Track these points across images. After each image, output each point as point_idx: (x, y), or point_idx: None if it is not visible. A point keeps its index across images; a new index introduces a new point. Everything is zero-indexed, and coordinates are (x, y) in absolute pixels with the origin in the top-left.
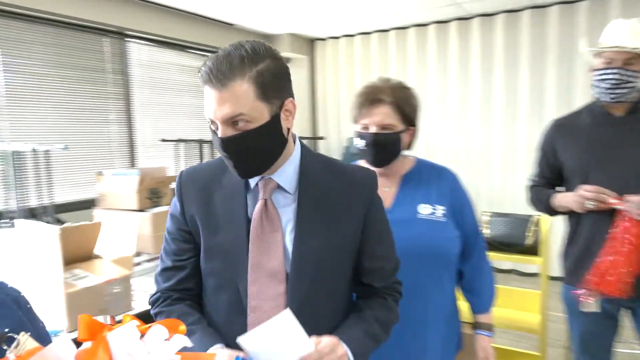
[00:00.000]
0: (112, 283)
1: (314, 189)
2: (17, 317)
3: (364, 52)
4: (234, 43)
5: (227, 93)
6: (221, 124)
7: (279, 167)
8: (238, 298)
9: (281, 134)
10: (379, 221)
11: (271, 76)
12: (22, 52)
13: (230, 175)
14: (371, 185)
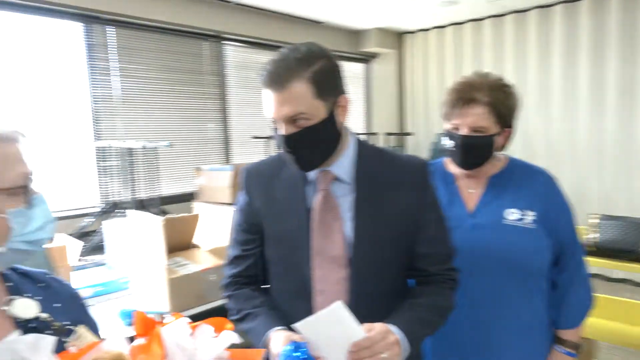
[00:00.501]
0: (208, 271)
1: (370, 178)
2: (75, 312)
3: (456, 43)
4: (290, 46)
5: (287, 94)
6: (283, 122)
7: (335, 160)
8: (302, 283)
9: (337, 129)
10: (432, 208)
11: (326, 75)
12: (133, 58)
13: (289, 169)
14: (422, 173)
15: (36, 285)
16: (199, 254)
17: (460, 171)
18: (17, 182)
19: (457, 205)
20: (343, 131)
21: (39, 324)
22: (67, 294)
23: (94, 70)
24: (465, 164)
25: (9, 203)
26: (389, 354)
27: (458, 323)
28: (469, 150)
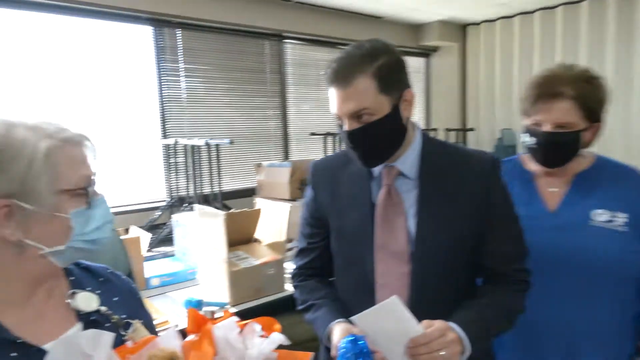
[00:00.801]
0: (268, 265)
1: (435, 174)
2: (132, 306)
3: (524, 34)
4: (354, 44)
5: (351, 90)
6: (347, 118)
7: (400, 155)
8: (365, 276)
9: (401, 124)
10: (501, 205)
11: (389, 70)
12: (198, 59)
13: (354, 164)
14: (490, 169)
15: (97, 279)
16: (259, 248)
17: (540, 169)
18: (80, 183)
19: (536, 204)
20: (409, 126)
21: (99, 316)
22: (125, 288)
23: (162, 72)
24: (549, 162)
25: (71, 204)
26: (448, 352)
27: (537, 326)
28: (553, 148)
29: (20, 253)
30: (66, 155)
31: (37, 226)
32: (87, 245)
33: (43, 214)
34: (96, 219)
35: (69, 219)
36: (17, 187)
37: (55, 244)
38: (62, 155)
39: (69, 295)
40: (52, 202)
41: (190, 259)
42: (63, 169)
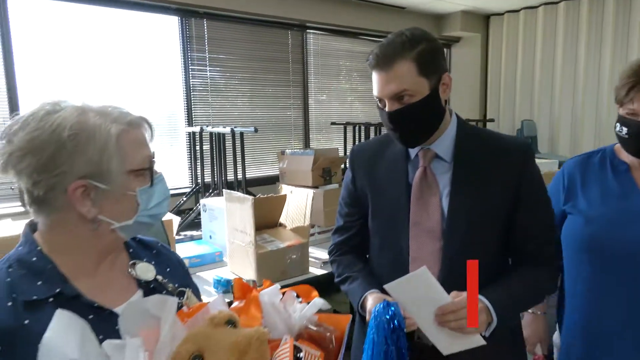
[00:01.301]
0: (292, 249)
1: (469, 157)
2: (181, 276)
3: (548, 25)
4: (395, 32)
5: (392, 73)
6: (388, 100)
7: (437, 138)
8: (399, 252)
9: (440, 105)
10: (532, 189)
11: (428, 55)
12: (223, 49)
13: (392, 148)
14: (523, 154)
15: (150, 251)
16: (284, 232)
17: (637, 161)
18: (144, 164)
19: (634, 198)
20: (446, 109)
21: (157, 285)
22: (174, 260)
23: (188, 61)
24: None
25: (137, 182)
26: None
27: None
28: None
29: (94, 229)
30: (131, 138)
31: (109, 204)
32: (149, 219)
33: (114, 193)
34: (157, 196)
35: (136, 196)
36: (92, 168)
37: (124, 219)
38: (127, 138)
39: (129, 265)
40: (121, 182)
41: (216, 242)
42: (129, 150)
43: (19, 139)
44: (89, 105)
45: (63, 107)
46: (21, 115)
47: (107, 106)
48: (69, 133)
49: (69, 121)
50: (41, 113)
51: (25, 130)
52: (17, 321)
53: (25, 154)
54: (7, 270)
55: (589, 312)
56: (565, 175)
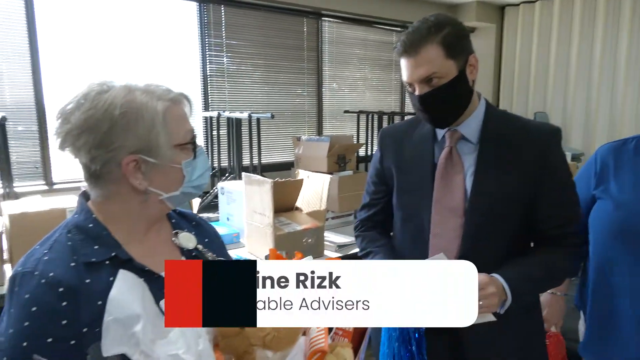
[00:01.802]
0: (308, 232)
1: (495, 139)
2: (218, 247)
3: (564, 16)
4: (420, 19)
5: (420, 58)
6: (417, 84)
7: (464, 120)
8: (421, 227)
9: (468, 86)
10: (557, 172)
11: (454, 38)
12: (239, 36)
13: (420, 129)
14: (549, 138)
15: (190, 223)
16: (301, 216)
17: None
18: (187, 138)
19: None
20: (474, 90)
21: (198, 253)
22: (211, 232)
23: (205, 47)
24: None
25: (182, 156)
26: (485, 302)
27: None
28: None
29: (145, 199)
30: (174, 114)
31: (158, 176)
32: (194, 190)
33: (163, 166)
34: (199, 167)
35: (182, 169)
36: (142, 144)
37: (171, 190)
38: (172, 114)
39: (173, 234)
40: (169, 156)
41: (234, 224)
42: (174, 126)
43: (75, 118)
44: (134, 84)
45: (111, 87)
46: (74, 96)
47: (150, 84)
48: (120, 111)
49: (119, 100)
50: (92, 93)
51: (80, 110)
52: (80, 280)
53: (82, 132)
54: (67, 235)
55: (617, 297)
56: (597, 160)
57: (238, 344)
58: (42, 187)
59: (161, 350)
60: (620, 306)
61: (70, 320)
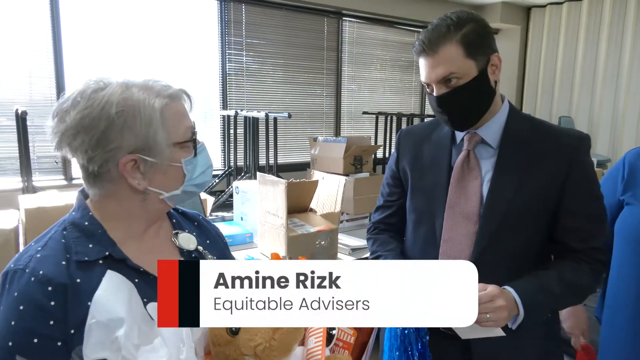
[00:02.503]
0: (322, 234)
1: (516, 145)
2: (221, 249)
3: (593, 18)
4: (440, 16)
5: (439, 57)
6: (435, 84)
7: (484, 123)
8: (433, 232)
9: (489, 86)
10: (582, 183)
11: (475, 36)
12: (259, 34)
13: (439, 131)
14: (577, 146)
15: (192, 223)
16: (315, 218)
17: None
18: (186, 135)
19: None
20: (496, 91)
21: (198, 255)
22: (214, 233)
23: (225, 45)
24: None
25: (182, 154)
26: (493, 316)
27: None
28: None
29: (144, 199)
30: (173, 111)
31: (158, 175)
32: (195, 188)
33: (162, 165)
34: (200, 165)
35: (182, 167)
36: (141, 143)
37: (172, 189)
38: (170, 111)
39: (173, 234)
40: (168, 154)
41: (248, 224)
42: (173, 123)
43: (71, 118)
44: (132, 81)
45: (107, 84)
46: (70, 93)
47: (148, 80)
48: (116, 110)
49: (115, 98)
50: (88, 91)
51: (76, 109)
52: (70, 279)
53: (78, 132)
54: (62, 232)
55: (638, 309)
56: (626, 165)
57: (229, 352)
58: (62, 182)
59: (143, 357)
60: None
61: (58, 320)
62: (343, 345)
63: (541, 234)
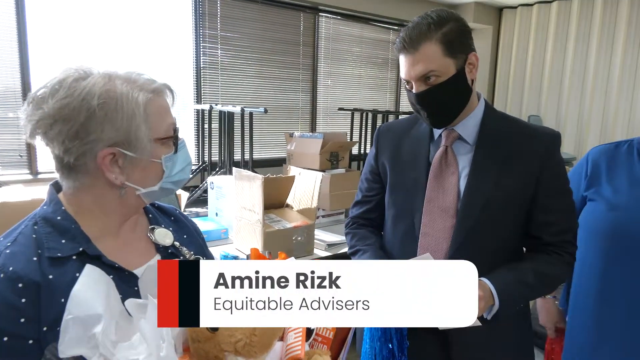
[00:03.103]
0: (299, 229)
1: (492, 141)
2: (198, 244)
3: (561, 21)
4: (421, 15)
5: (419, 55)
6: (415, 81)
7: (462, 120)
8: (412, 226)
9: (466, 85)
10: (555, 178)
11: (455, 35)
12: (235, 28)
13: (418, 128)
14: (551, 143)
15: (169, 218)
16: (291, 213)
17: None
18: (169, 132)
19: None
20: (473, 89)
21: (174, 250)
22: (191, 228)
23: (199, 38)
24: None
25: (163, 150)
26: None
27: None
28: None
29: (121, 194)
30: (157, 106)
31: (136, 171)
32: (172, 185)
33: (142, 160)
34: (180, 162)
35: (162, 164)
36: (121, 137)
37: (149, 185)
38: (154, 106)
39: (149, 230)
40: (149, 150)
41: (222, 220)
42: (155, 119)
43: (48, 106)
44: (115, 72)
45: (89, 74)
46: (48, 81)
47: (132, 72)
48: (98, 102)
49: (98, 89)
50: (69, 80)
51: (54, 97)
52: (42, 276)
53: (56, 121)
54: (32, 227)
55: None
56: (589, 162)
57: (209, 349)
58: (27, 176)
59: (122, 354)
60: (612, 307)
61: (29, 318)
62: (322, 340)
63: (515, 228)
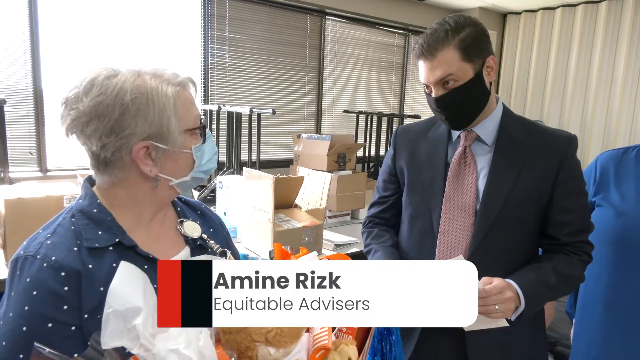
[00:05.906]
0: (308, 229)
1: (510, 142)
2: (223, 237)
3: (565, 27)
4: (439, 20)
5: (437, 61)
6: (434, 86)
7: (480, 121)
8: (430, 225)
9: (485, 87)
10: (571, 180)
11: (472, 40)
12: (243, 30)
13: (435, 130)
14: (568, 145)
15: (195, 212)
16: (300, 213)
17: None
18: (196, 123)
19: None
20: (491, 91)
21: (202, 243)
22: (217, 221)
23: (208, 39)
24: None
25: (192, 141)
26: (502, 307)
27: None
28: None
29: (155, 186)
30: (184, 99)
31: (169, 162)
32: (202, 174)
33: (174, 152)
34: (208, 152)
35: (192, 154)
36: (154, 130)
37: (182, 175)
38: (181, 98)
39: (178, 222)
40: (179, 141)
41: (231, 219)
42: (184, 111)
43: (83, 105)
44: (142, 68)
45: (118, 72)
46: (78, 81)
47: (158, 68)
48: (130, 97)
49: (129, 85)
50: (100, 78)
51: (89, 95)
52: (83, 265)
53: (91, 119)
54: (70, 219)
55: (606, 304)
56: (597, 167)
57: (240, 340)
58: (36, 173)
59: (161, 344)
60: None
61: (71, 305)
62: (347, 331)
63: (532, 227)
